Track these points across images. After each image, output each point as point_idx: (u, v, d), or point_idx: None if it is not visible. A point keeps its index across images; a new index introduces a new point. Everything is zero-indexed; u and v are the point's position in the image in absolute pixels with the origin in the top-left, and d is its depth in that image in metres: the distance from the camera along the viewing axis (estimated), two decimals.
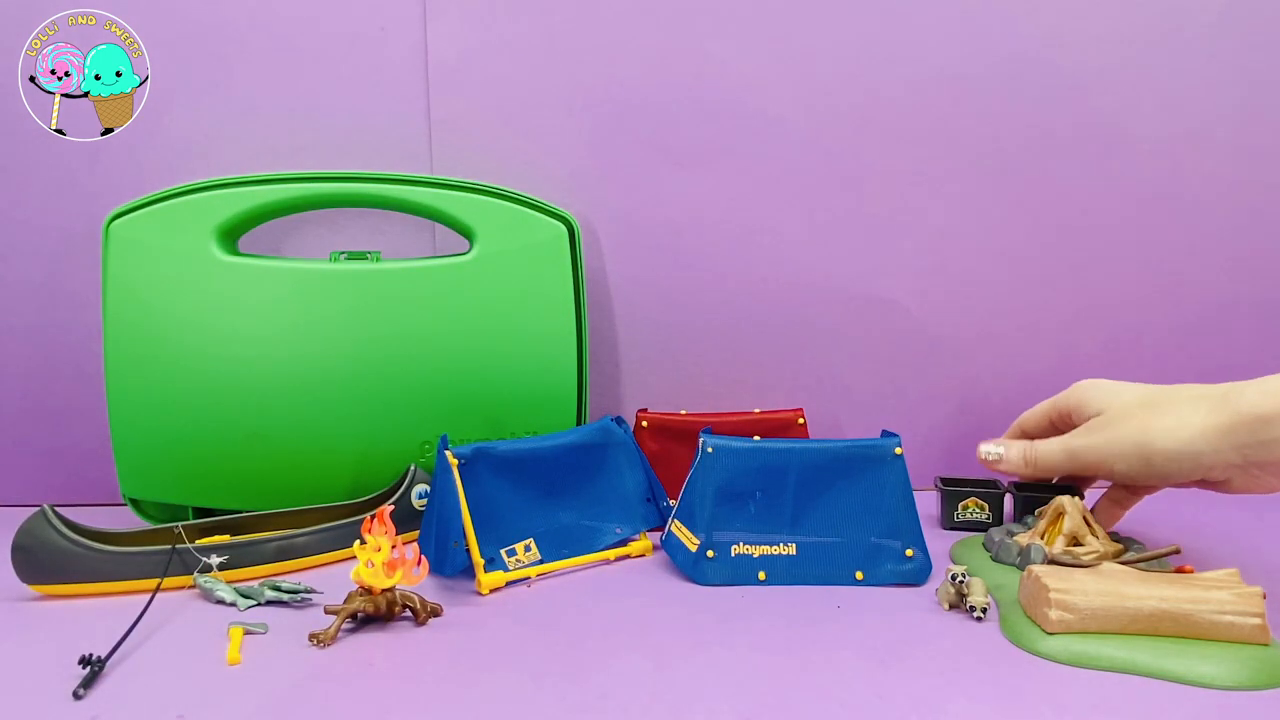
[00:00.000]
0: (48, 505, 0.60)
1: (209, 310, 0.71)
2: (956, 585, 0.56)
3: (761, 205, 0.82)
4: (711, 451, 0.64)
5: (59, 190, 0.78)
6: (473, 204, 0.74)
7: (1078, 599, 0.51)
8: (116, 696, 0.46)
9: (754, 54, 0.79)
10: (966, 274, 0.83)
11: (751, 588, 0.61)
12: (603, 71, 0.79)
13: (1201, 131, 0.81)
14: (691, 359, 0.85)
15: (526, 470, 0.66)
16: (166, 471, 0.73)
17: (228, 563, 0.62)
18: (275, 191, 0.72)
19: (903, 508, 0.62)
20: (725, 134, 0.80)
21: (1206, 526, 0.72)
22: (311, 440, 0.73)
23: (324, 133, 0.79)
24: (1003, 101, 0.80)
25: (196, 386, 0.71)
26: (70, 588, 0.60)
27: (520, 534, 0.65)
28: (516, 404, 0.75)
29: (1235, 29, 0.79)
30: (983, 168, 0.81)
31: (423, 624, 0.56)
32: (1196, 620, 0.50)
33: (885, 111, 0.80)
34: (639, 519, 0.69)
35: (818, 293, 0.83)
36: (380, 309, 0.73)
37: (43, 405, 0.82)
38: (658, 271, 0.83)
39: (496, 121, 0.80)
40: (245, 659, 0.51)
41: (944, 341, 0.84)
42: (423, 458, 0.74)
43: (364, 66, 0.78)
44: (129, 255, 0.70)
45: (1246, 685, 0.46)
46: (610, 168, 0.81)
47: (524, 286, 0.74)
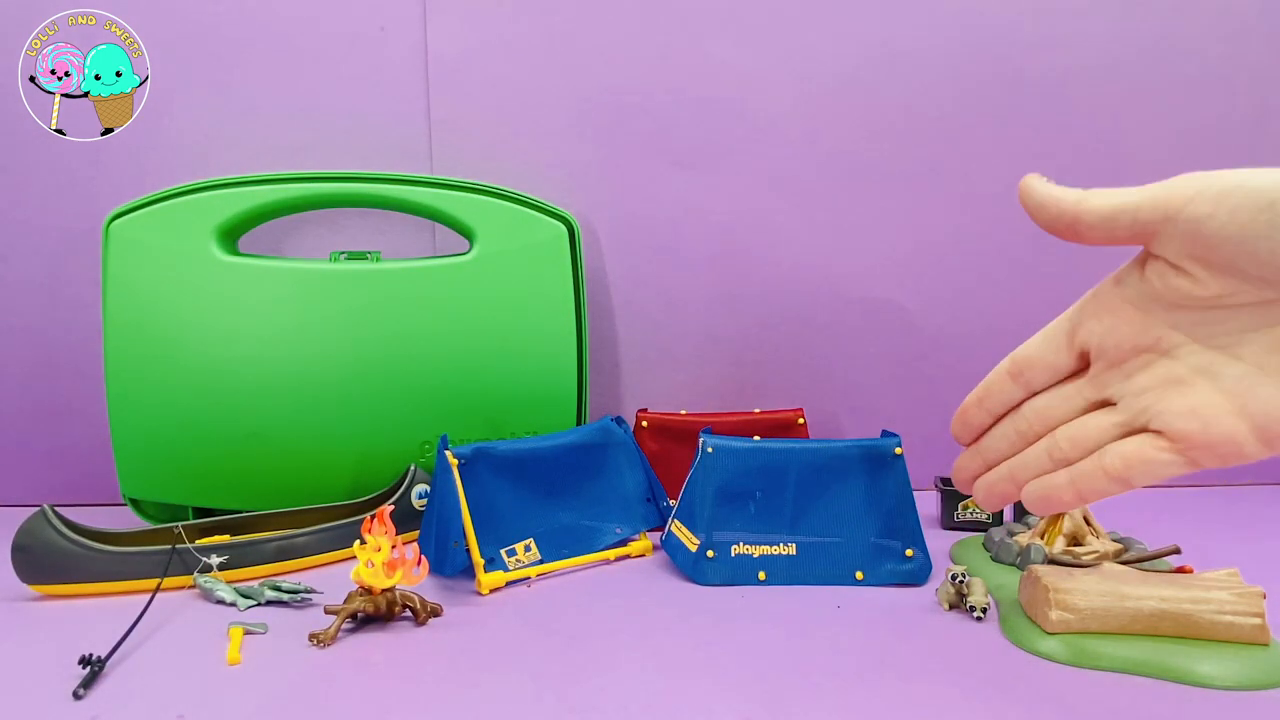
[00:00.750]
0: (48, 505, 0.60)
1: (209, 310, 0.71)
2: (956, 585, 0.56)
3: (761, 205, 0.82)
4: (711, 451, 0.64)
5: (59, 190, 0.78)
6: (473, 204, 0.74)
7: (1078, 599, 0.51)
8: (116, 696, 0.46)
9: (754, 54, 0.79)
10: (966, 274, 0.83)
11: (751, 588, 0.61)
12: (603, 71, 0.79)
13: (1203, 131, 0.81)
14: (691, 359, 0.85)
15: (526, 470, 0.66)
16: (166, 471, 0.73)
17: (228, 563, 0.62)
18: (275, 191, 0.72)
19: (903, 508, 0.62)
20: (725, 134, 0.80)
21: (1206, 526, 0.72)
22: (311, 440, 0.73)
23: (324, 133, 0.79)
24: (1003, 102, 0.80)
25: (196, 386, 0.71)
26: (70, 588, 0.60)
27: (520, 534, 0.65)
28: (516, 404, 0.75)
29: (1237, 30, 0.79)
30: (983, 168, 0.81)
31: (423, 624, 0.56)
32: (1196, 620, 0.50)
33: (885, 112, 0.80)
34: (639, 519, 0.69)
35: (818, 293, 0.83)
36: (380, 309, 0.73)
37: (43, 405, 0.82)
38: (658, 271, 0.83)
39: (496, 121, 0.80)
40: (245, 659, 0.51)
41: (944, 341, 0.84)
42: (423, 458, 0.74)
43: (364, 66, 0.78)
44: (129, 255, 0.70)
45: (1246, 685, 0.46)
46: (610, 168, 0.81)
47: (524, 286, 0.74)
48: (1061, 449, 0.42)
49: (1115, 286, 0.41)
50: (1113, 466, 0.40)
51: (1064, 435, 0.42)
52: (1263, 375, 0.37)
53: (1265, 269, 0.35)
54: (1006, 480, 0.45)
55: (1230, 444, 0.37)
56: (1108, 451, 0.41)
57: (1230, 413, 0.37)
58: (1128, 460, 0.40)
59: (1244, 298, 0.37)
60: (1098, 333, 0.42)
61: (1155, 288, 0.39)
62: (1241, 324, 0.37)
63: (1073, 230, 0.41)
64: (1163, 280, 0.39)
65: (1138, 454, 0.40)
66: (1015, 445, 0.45)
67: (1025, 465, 0.44)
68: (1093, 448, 0.41)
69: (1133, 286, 0.40)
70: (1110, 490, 0.41)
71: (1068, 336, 0.43)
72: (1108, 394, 0.42)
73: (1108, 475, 0.40)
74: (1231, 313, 0.37)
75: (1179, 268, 0.38)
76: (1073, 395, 0.43)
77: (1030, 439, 0.44)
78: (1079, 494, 0.41)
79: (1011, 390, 0.45)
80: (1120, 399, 0.41)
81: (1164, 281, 0.39)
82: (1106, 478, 0.40)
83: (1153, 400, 0.40)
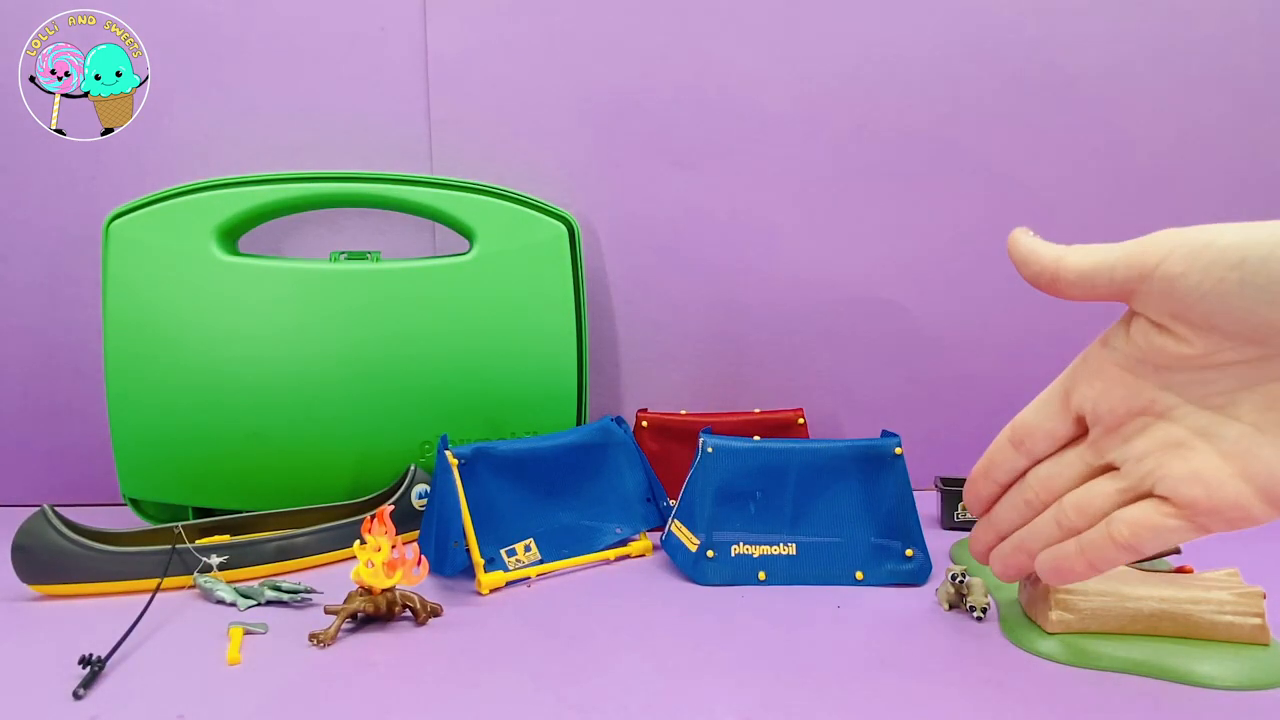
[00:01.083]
0: (48, 505, 0.60)
1: (209, 310, 0.71)
2: (956, 585, 0.56)
3: (761, 205, 0.82)
4: (711, 451, 0.64)
5: (59, 190, 0.78)
6: (473, 204, 0.74)
7: (1078, 599, 0.51)
8: (116, 696, 0.46)
9: (754, 54, 0.79)
10: (966, 274, 0.83)
11: (751, 588, 0.61)
12: (603, 71, 0.79)
13: (1203, 133, 0.81)
14: (691, 359, 0.85)
15: (526, 470, 0.66)
16: (166, 471, 0.73)
17: (228, 563, 0.62)
18: (275, 191, 0.72)
19: (903, 508, 0.62)
20: (725, 134, 0.80)
21: None
22: (311, 440, 0.73)
23: (324, 133, 0.79)
24: (1004, 102, 0.80)
25: (196, 386, 0.71)
26: (70, 588, 0.60)
27: (520, 534, 0.65)
28: (516, 404, 0.75)
29: (1235, 31, 0.79)
30: (983, 168, 0.81)
31: (423, 624, 0.56)
32: (1196, 620, 0.50)
33: (885, 111, 0.80)
34: (639, 519, 0.69)
35: (818, 293, 0.83)
36: (380, 309, 0.73)
37: (43, 405, 0.82)
38: (658, 271, 0.83)
39: (496, 121, 0.80)
40: (245, 659, 0.51)
41: (944, 341, 0.84)
42: (423, 458, 0.74)
43: (364, 66, 0.78)
44: (129, 255, 0.70)
45: (1246, 685, 0.46)
46: (610, 168, 0.81)
47: (524, 286, 0.74)
48: (1069, 518, 0.42)
49: (1103, 349, 0.41)
50: (1120, 535, 0.39)
51: (1070, 504, 0.42)
52: (1261, 435, 0.36)
53: (1242, 326, 0.34)
54: (1018, 551, 0.45)
55: (1237, 509, 0.36)
56: (1114, 519, 0.40)
57: (1234, 476, 0.36)
58: (1135, 528, 0.39)
59: (1229, 356, 0.36)
60: (1090, 398, 0.41)
61: (1141, 348, 0.38)
62: (1232, 383, 0.37)
63: (1054, 287, 0.42)
64: (1147, 339, 0.38)
65: (1145, 521, 0.39)
66: (1024, 515, 0.44)
67: (1035, 535, 0.44)
68: (1099, 515, 0.41)
69: (1120, 349, 0.40)
70: (1121, 559, 0.40)
71: (1062, 403, 0.42)
72: (1109, 459, 0.41)
73: (1116, 544, 0.40)
74: (1220, 371, 0.36)
75: (1162, 326, 0.37)
76: (1075, 461, 0.42)
77: (1038, 508, 0.44)
78: (1090, 564, 0.41)
79: (1015, 459, 0.44)
80: (1122, 464, 0.40)
81: (1149, 341, 0.38)
82: (1115, 547, 0.40)
83: (1154, 465, 0.39)
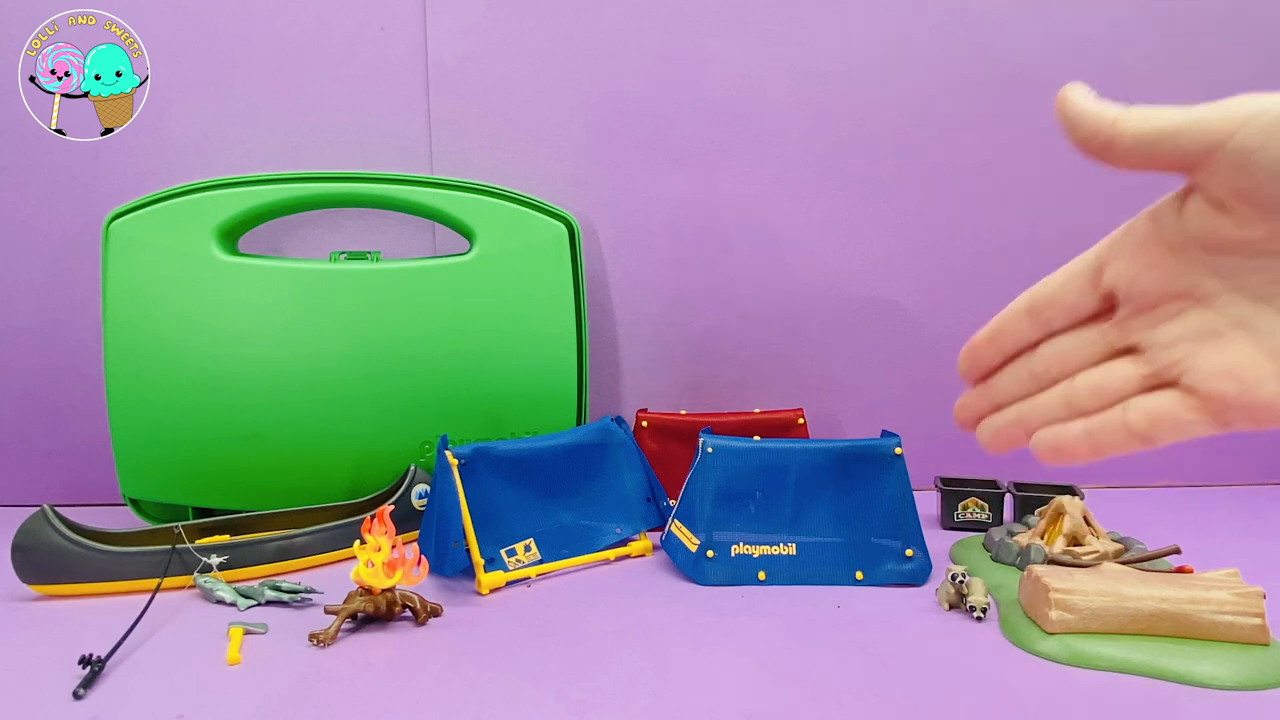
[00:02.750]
0: (48, 505, 0.60)
1: (209, 310, 0.71)
2: (956, 585, 0.56)
3: (761, 205, 0.82)
4: (711, 451, 0.64)
5: (59, 190, 0.78)
6: (473, 204, 0.74)
7: (1078, 599, 0.51)
8: (116, 696, 0.46)
9: (754, 54, 0.79)
10: (966, 274, 0.83)
11: (751, 588, 0.61)
12: (603, 71, 0.79)
13: None
14: (691, 359, 0.85)
15: (526, 470, 0.66)
16: (166, 471, 0.73)
17: (228, 563, 0.62)
18: (275, 191, 0.72)
19: (903, 508, 0.62)
20: (725, 134, 0.80)
21: (1206, 526, 0.72)
22: (311, 440, 0.73)
23: (324, 133, 0.79)
24: (1004, 103, 0.80)
25: (196, 386, 0.71)
26: (70, 588, 0.60)
27: (520, 534, 0.65)
28: (516, 404, 0.75)
29: (1238, 29, 0.79)
30: (983, 168, 0.81)
31: (423, 624, 0.56)
32: (1196, 620, 0.50)
33: (885, 112, 0.80)
34: (639, 519, 0.69)
35: (818, 293, 0.83)
36: (380, 309, 0.73)
37: (43, 405, 0.82)
38: (658, 271, 0.83)
39: (496, 121, 0.80)
40: (245, 659, 0.51)
41: (944, 341, 0.84)
42: (423, 458, 0.74)
43: (364, 66, 0.78)
44: (129, 255, 0.70)
45: (1246, 685, 0.46)
46: (610, 168, 0.81)
47: (524, 286, 0.74)
48: (1080, 397, 0.39)
49: (1150, 223, 0.37)
50: (1136, 423, 0.36)
51: (1084, 383, 0.39)
52: None
53: None
54: (1015, 424, 0.41)
55: (1269, 410, 0.34)
56: (1131, 406, 0.37)
57: (1273, 375, 0.33)
58: (1153, 418, 0.36)
59: None
60: (1127, 275, 0.37)
61: (1195, 227, 0.35)
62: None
63: (1107, 151, 0.36)
64: (1203, 219, 0.34)
65: (1165, 413, 0.36)
66: (1028, 387, 0.41)
67: (1038, 410, 0.40)
68: (1115, 399, 0.37)
69: (1170, 225, 0.36)
70: (1129, 447, 0.37)
71: (1093, 276, 0.39)
72: (1133, 341, 0.38)
73: (1129, 432, 0.37)
74: (1278, 259, 0.33)
75: (1223, 205, 0.33)
76: (1095, 340, 0.39)
77: (1045, 382, 0.40)
78: (1095, 447, 0.38)
79: (1028, 329, 0.41)
80: (1147, 348, 0.37)
81: (1205, 221, 0.34)
82: (1128, 434, 0.37)
83: (1185, 354, 0.36)
